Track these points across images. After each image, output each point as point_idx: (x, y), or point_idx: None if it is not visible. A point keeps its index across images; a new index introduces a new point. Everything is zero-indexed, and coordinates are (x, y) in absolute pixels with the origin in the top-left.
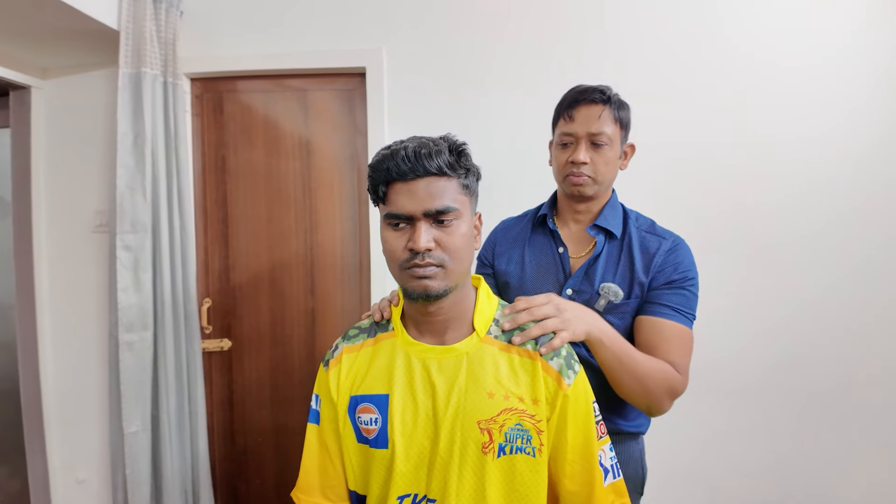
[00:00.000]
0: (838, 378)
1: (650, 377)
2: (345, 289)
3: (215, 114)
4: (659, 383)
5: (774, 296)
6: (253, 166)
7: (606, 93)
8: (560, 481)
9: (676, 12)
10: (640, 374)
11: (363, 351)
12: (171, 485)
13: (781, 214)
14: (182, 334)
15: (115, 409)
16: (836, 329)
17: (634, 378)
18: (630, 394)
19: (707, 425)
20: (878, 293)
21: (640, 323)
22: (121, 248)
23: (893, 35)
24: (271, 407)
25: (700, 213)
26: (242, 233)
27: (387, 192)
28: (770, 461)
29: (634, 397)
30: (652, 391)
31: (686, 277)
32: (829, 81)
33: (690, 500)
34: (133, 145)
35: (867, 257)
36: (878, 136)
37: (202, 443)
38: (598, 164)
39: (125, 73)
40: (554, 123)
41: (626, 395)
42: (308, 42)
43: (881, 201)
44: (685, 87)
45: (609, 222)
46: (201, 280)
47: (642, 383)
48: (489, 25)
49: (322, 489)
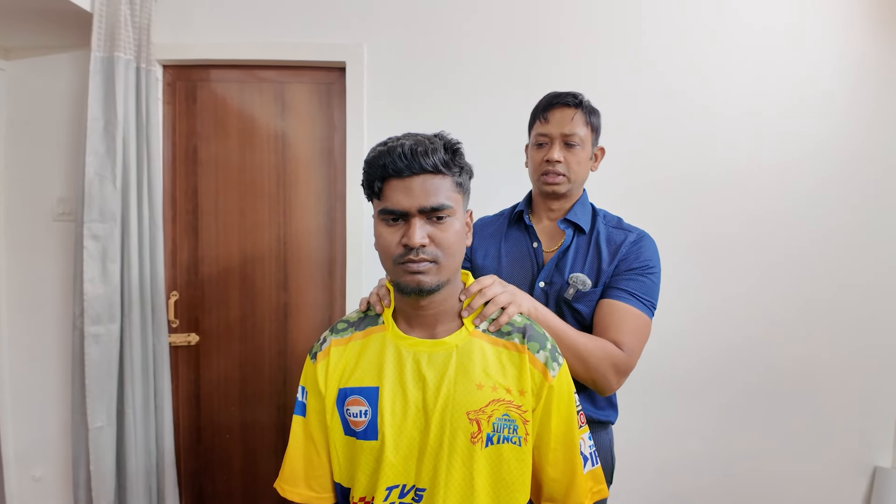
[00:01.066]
0: (788, 377)
1: (588, 352)
2: (318, 284)
3: (188, 102)
4: (600, 359)
5: (732, 296)
6: (226, 157)
7: (579, 97)
8: (543, 469)
9: (647, 22)
10: (577, 350)
11: (352, 344)
12: (135, 481)
13: (741, 218)
14: (149, 327)
15: (79, 404)
16: (786, 330)
17: (572, 353)
18: (571, 368)
19: (668, 418)
20: (823, 296)
21: (599, 305)
22: (88, 237)
23: (860, 53)
24: (240, 403)
25: (659, 217)
26: (213, 225)
27: (382, 187)
28: (726, 452)
29: (576, 372)
30: (593, 366)
31: (647, 266)
32: (792, 94)
33: (654, 491)
34: (104, 132)
35: (811, 263)
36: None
37: (168, 439)
38: (571, 164)
39: (97, 56)
40: (530, 126)
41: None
42: (287, 34)
43: (838, 209)
44: (655, 95)
45: (578, 217)
46: (169, 273)
47: (580, 358)
48: (472, 26)
49: (307, 480)
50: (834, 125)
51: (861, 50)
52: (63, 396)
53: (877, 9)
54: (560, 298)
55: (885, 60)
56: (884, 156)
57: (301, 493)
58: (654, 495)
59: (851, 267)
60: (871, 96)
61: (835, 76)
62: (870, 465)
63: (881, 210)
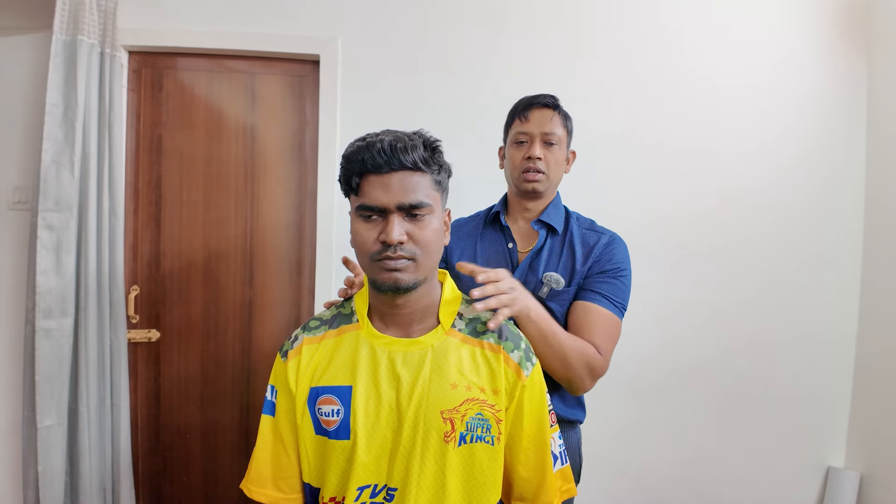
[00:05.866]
0: (747, 381)
1: (571, 354)
2: (285, 281)
3: (153, 90)
4: (579, 360)
5: (693, 302)
6: (191, 148)
7: (556, 100)
8: (514, 468)
9: (629, 27)
10: (562, 351)
11: (325, 342)
12: (88, 482)
13: (702, 227)
14: (106, 323)
15: (29, 401)
16: (746, 336)
17: (555, 354)
18: (550, 367)
19: (628, 420)
20: (778, 302)
21: (573, 307)
22: (42, 227)
23: (816, 64)
24: (201, 402)
25: (630, 221)
26: (176, 218)
27: (360, 183)
28: (688, 453)
29: (555, 370)
30: (572, 366)
31: (619, 269)
32: (758, 101)
33: (617, 490)
34: (63, 117)
35: (780, 270)
36: (798, 156)
37: (124, 438)
38: (550, 162)
39: (59, 39)
40: (507, 126)
41: (547, 368)
42: (259, 24)
43: (796, 219)
44: (624, 100)
45: (552, 218)
46: (129, 266)
47: (563, 359)
48: (448, 25)
49: (275, 481)
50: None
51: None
52: (13, 393)
53: (846, 20)
54: (534, 297)
55: (845, 60)
56: (840, 155)
57: (268, 493)
58: (618, 495)
59: (807, 274)
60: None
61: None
62: (823, 466)
63: (840, 219)
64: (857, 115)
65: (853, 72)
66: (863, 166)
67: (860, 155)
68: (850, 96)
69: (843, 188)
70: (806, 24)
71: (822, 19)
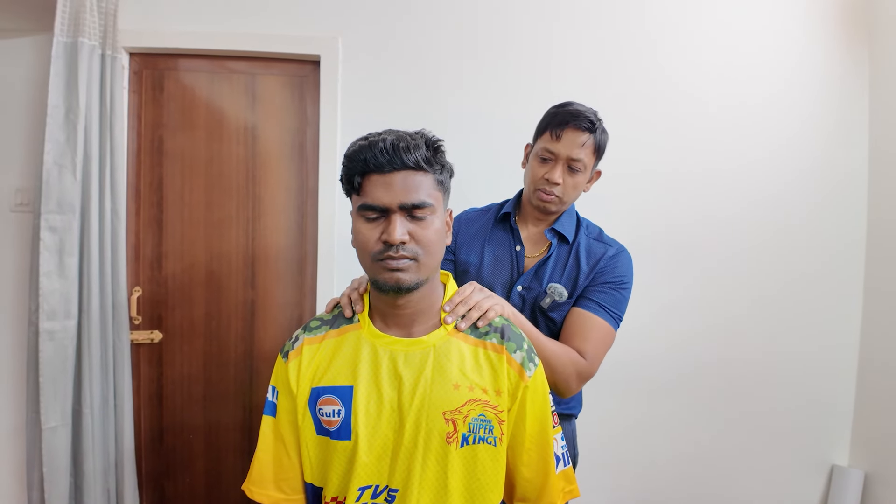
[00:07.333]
0: (751, 379)
1: (555, 359)
2: (287, 282)
3: (154, 92)
4: (565, 365)
5: (690, 298)
6: (193, 149)
7: (594, 122)
8: (517, 469)
9: (630, 28)
10: (546, 356)
11: (325, 342)
12: (92, 483)
13: (708, 229)
14: (109, 324)
15: (33, 403)
16: (750, 335)
17: (540, 358)
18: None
19: (628, 416)
20: (782, 297)
21: (570, 312)
22: (45, 229)
23: (820, 75)
24: (204, 403)
25: (635, 225)
26: (178, 219)
27: (362, 182)
28: (692, 451)
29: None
30: (558, 371)
31: (620, 281)
32: (759, 115)
33: (621, 486)
34: (65, 119)
35: (771, 263)
36: (798, 169)
37: (128, 439)
38: (568, 187)
39: (60, 41)
40: (539, 132)
41: None
42: (259, 24)
43: (802, 222)
44: (628, 109)
45: (565, 228)
46: (131, 267)
47: (548, 364)
48: (449, 24)
49: (276, 482)
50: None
51: (823, 58)
52: (17, 395)
53: (841, 15)
54: (536, 305)
55: (847, 69)
56: (843, 160)
57: (270, 494)
58: (621, 493)
59: (811, 268)
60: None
61: (797, 83)
62: (827, 464)
63: (841, 212)
64: (860, 123)
65: (856, 83)
66: (866, 173)
67: (864, 162)
68: (852, 106)
69: (848, 183)
70: (814, 38)
71: (827, 33)
